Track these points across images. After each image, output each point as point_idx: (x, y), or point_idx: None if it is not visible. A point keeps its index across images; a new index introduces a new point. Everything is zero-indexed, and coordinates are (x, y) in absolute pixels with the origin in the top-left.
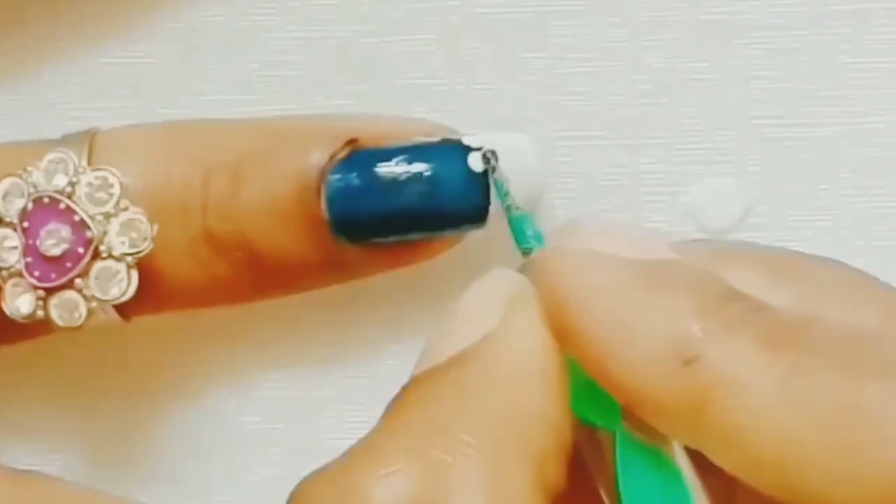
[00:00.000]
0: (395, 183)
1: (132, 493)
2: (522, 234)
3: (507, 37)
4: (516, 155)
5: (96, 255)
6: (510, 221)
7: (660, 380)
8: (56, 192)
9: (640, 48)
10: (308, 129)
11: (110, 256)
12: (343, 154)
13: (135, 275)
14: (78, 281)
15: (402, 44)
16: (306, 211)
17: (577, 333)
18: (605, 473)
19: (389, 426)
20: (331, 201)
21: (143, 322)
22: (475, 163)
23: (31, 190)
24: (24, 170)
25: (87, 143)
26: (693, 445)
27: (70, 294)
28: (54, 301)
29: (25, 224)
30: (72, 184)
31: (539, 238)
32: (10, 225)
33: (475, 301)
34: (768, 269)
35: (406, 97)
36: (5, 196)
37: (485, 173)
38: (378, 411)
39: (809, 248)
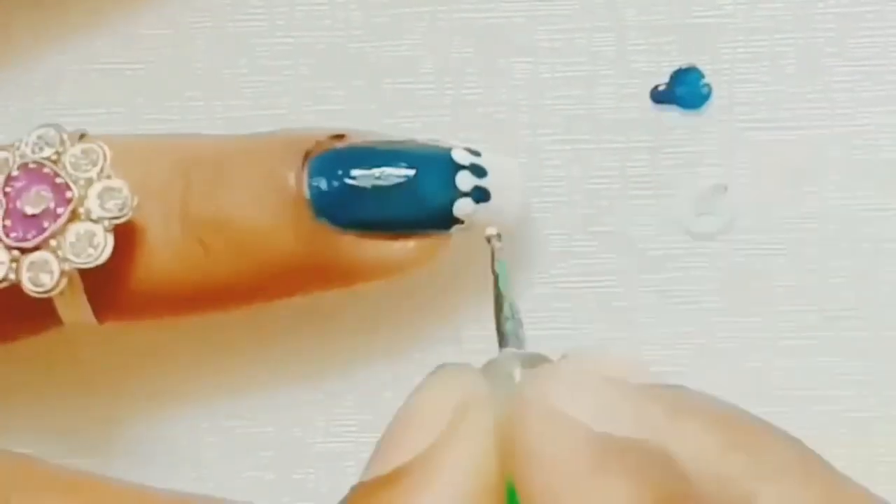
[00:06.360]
0: (378, 178)
1: None
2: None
3: (495, 41)
4: (504, 174)
5: (74, 216)
6: (503, 319)
7: None
8: (42, 158)
9: (628, 52)
10: (292, 134)
11: (88, 219)
12: (328, 144)
13: (110, 239)
14: (53, 242)
15: (390, 49)
16: (287, 189)
17: (519, 484)
18: None
19: None
20: (312, 176)
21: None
22: (462, 182)
23: (19, 160)
24: (13, 144)
25: (77, 136)
26: None
27: (43, 255)
28: (27, 263)
29: (8, 189)
30: (58, 153)
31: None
32: None
33: (425, 403)
34: (724, 431)
35: (394, 102)
36: None
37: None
38: (366, 415)
39: (796, 251)
